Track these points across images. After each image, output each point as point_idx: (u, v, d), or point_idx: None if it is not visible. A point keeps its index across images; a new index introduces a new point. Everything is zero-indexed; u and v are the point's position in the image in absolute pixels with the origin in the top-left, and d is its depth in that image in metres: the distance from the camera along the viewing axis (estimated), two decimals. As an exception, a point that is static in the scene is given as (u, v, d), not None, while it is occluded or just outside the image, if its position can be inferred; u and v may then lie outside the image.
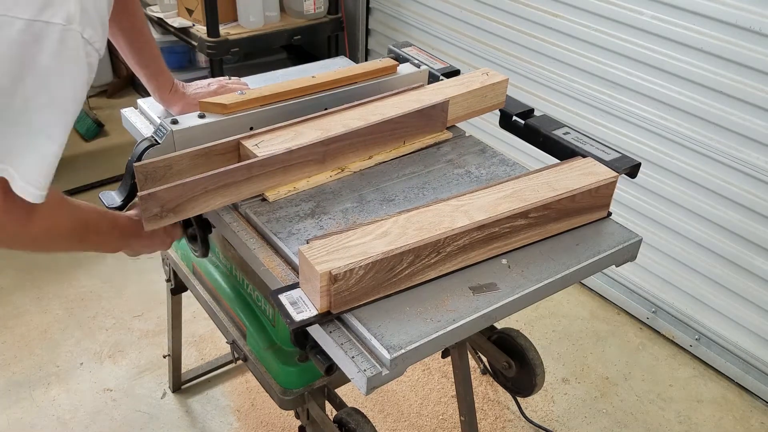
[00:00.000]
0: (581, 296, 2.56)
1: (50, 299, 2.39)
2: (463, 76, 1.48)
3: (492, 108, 1.48)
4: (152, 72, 1.34)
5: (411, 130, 1.37)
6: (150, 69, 1.34)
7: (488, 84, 1.44)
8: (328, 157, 1.28)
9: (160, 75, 1.35)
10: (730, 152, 1.98)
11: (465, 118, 1.46)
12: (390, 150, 1.36)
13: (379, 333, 0.94)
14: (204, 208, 1.16)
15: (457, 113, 1.43)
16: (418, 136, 1.40)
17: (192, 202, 1.13)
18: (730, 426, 2.08)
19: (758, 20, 1.79)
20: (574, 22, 2.26)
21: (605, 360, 2.28)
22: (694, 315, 2.26)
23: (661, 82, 2.07)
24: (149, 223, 1.10)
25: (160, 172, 1.16)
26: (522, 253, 1.12)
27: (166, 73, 1.36)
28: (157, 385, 2.10)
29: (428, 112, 1.37)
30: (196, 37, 2.87)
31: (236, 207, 1.22)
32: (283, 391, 1.31)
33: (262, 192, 1.22)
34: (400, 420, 2.03)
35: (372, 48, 3.30)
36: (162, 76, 1.35)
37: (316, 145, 1.25)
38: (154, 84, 1.36)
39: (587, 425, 2.05)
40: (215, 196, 1.16)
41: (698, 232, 2.15)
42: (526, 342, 1.54)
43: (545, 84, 2.44)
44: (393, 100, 1.39)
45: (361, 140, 1.31)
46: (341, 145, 1.28)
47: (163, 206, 1.10)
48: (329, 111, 1.36)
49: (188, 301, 1.83)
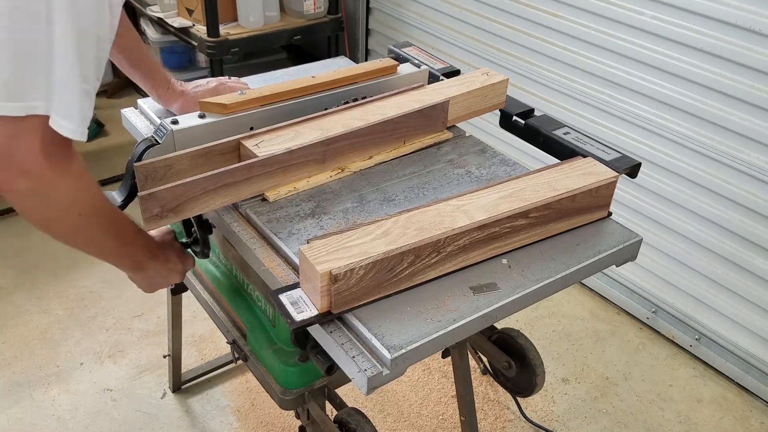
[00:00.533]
0: (581, 296, 2.56)
1: (50, 299, 2.39)
2: (463, 76, 1.48)
3: (492, 108, 1.48)
4: (146, 71, 1.34)
5: (411, 130, 1.37)
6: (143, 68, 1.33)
7: (488, 84, 1.44)
8: (328, 157, 1.28)
9: (155, 73, 1.35)
10: (730, 152, 1.98)
11: (465, 118, 1.46)
12: (390, 150, 1.37)
13: (380, 333, 0.94)
14: (204, 208, 1.16)
15: (458, 113, 1.43)
16: (418, 136, 1.40)
17: (192, 202, 1.13)
18: (730, 426, 2.08)
19: (758, 20, 1.79)
20: (574, 22, 2.26)
21: (605, 360, 2.28)
22: (694, 315, 2.26)
23: (661, 82, 2.08)
24: (149, 222, 1.10)
25: (161, 172, 1.16)
26: (522, 253, 1.12)
27: (161, 71, 1.36)
28: (157, 385, 2.10)
29: (428, 112, 1.37)
30: (196, 37, 2.86)
31: (236, 207, 1.22)
32: (283, 391, 1.31)
33: (262, 192, 1.22)
34: (400, 420, 2.03)
35: (372, 48, 3.31)
36: (157, 74, 1.35)
37: (316, 145, 1.25)
38: (149, 83, 1.35)
39: (587, 425, 2.05)
40: (215, 196, 1.16)
41: (698, 232, 2.15)
42: (527, 342, 1.54)
43: (545, 84, 2.44)
44: (393, 100, 1.39)
45: (361, 140, 1.31)
46: (341, 145, 1.28)
47: (164, 206, 1.10)
48: (329, 111, 1.36)
49: (188, 301, 1.83)
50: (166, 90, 1.36)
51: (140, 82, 1.35)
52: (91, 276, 2.50)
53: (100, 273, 2.52)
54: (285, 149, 1.21)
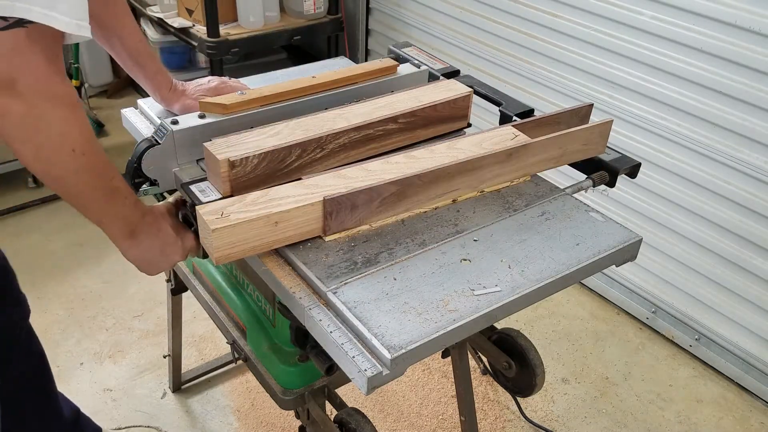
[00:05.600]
0: (581, 296, 2.56)
1: (50, 299, 2.39)
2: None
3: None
4: (150, 72, 1.33)
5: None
6: (147, 69, 1.32)
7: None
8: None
9: (159, 74, 1.34)
10: (730, 152, 1.98)
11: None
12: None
13: (380, 333, 0.94)
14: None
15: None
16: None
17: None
18: (730, 426, 2.08)
19: (758, 20, 1.79)
20: (574, 22, 2.26)
21: (605, 360, 2.28)
22: (694, 315, 2.26)
23: (661, 82, 2.08)
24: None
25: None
26: (522, 252, 1.12)
27: (164, 72, 1.36)
28: (157, 385, 2.10)
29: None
30: (196, 38, 2.87)
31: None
32: (283, 391, 1.31)
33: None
34: (400, 420, 2.03)
35: (372, 48, 3.31)
36: (161, 75, 1.34)
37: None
38: (153, 84, 1.35)
39: (587, 425, 2.05)
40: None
41: (698, 232, 2.15)
42: (526, 342, 1.54)
43: (545, 84, 2.44)
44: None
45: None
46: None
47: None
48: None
49: (188, 301, 1.83)
50: (168, 91, 1.36)
51: (143, 82, 1.35)
52: (91, 276, 2.50)
53: (100, 273, 2.52)
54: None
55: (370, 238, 1.12)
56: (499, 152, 1.22)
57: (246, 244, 1.04)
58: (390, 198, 1.14)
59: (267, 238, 1.05)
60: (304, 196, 1.08)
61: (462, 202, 1.23)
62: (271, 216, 1.03)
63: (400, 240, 1.12)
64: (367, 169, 1.17)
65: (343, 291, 1.01)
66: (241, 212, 1.03)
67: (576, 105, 1.38)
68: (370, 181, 1.12)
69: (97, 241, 2.66)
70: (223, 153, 1.12)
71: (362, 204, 1.11)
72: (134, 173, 1.19)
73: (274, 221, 1.04)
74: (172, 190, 1.27)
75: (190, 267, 1.61)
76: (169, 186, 1.25)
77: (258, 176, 1.15)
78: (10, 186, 2.92)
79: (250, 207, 1.04)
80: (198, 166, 1.25)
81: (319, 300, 1.02)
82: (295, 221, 1.06)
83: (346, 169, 1.17)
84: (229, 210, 1.03)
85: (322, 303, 1.01)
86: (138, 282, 2.48)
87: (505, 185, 1.28)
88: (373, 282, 1.03)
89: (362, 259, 1.07)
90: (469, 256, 1.10)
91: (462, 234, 1.14)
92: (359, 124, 1.25)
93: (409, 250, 1.10)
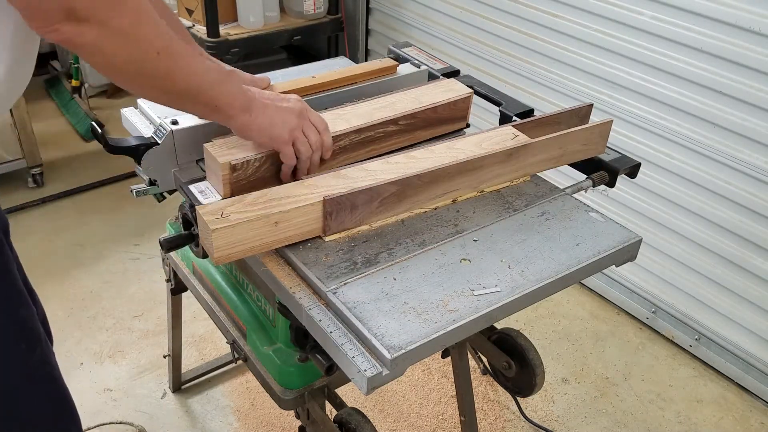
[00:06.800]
0: (581, 296, 2.56)
1: (50, 299, 2.39)
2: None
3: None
4: None
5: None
6: None
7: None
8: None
9: None
10: (730, 152, 1.98)
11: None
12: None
13: (380, 333, 0.94)
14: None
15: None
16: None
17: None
18: (730, 426, 2.08)
19: (758, 20, 1.79)
20: (574, 22, 2.26)
21: (605, 360, 2.28)
22: (694, 315, 2.26)
23: (661, 82, 2.08)
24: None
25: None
26: (522, 252, 1.12)
27: None
28: (157, 385, 2.10)
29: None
30: (196, 38, 2.86)
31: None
32: (283, 391, 1.31)
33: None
34: (400, 420, 2.03)
35: (372, 48, 3.31)
36: None
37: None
38: None
39: (587, 425, 2.05)
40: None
41: (698, 232, 2.15)
42: (526, 342, 1.54)
43: (545, 84, 2.44)
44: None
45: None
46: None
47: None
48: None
49: (188, 301, 1.83)
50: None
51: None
52: (91, 276, 2.50)
53: (100, 273, 2.52)
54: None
55: (370, 238, 1.12)
56: (499, 152, 1.22)
57: (246, 245, 1.04)
58: (390, 198, 1.14)
59: (267, 238, 1.05)
60: (304, 196, 1.08)
61: (462, 202, 1.23)
62: (271, 216, 1.03)
63: (400, 240, 1.12)
64: (366, 169, 1.17)
65: (343, 291, 1.01)
66: (241, 212, 1.03)
67: (576, 105, 1.38)
68: (370, 181, 1.12)
69: (97, 241, 2.67)
70: (224, 155, 1.11)
71: (362, 204, 1.11)
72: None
73: (274, 221, 1.04)
74: (173, 190, 1.27)
75: (190, 267, 1.61)
76: (169, 186, 1.25)
77: (258, 179, 1.14)
78: (10, 186, 2.92)
79: (250, 207, 1.04)
80: (198, 166, 1.25)
81: (319, 300, 1.02)
82: (295, 221, 1.06)
83: (346, 169, 1.17)
84: (228, 210, 1.03)
85: (322, 303, 1.01)
86: (138, 282, 2.48)
87: (505, 185, 1.28)
88: (372, 282, 1.03)
89: (362, 260, 1.07)
90: (468, 257, 1.10)
91: (462, 234, 1.14)
92: (359, 126, 1.25)
93: (409, 250, 1.10)
